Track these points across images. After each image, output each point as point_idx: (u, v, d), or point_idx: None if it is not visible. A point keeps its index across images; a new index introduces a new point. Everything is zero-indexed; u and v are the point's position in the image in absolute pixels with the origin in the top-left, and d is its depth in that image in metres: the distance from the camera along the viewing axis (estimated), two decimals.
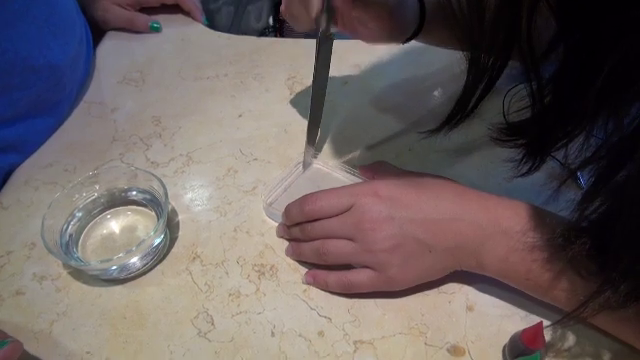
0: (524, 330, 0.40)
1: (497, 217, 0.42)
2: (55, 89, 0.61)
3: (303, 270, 0.49)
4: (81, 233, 0.51)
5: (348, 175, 0.56)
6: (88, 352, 0.44)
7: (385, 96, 0.67)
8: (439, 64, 0.71)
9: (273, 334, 0.44)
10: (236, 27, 0.99)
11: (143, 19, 0.76)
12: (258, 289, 0.47)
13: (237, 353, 0.43)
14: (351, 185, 0.47)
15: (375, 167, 0.53)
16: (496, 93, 0.64)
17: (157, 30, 0.76)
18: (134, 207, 0.53)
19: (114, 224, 0.52)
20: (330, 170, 0.57)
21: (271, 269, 0.49)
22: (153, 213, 0.52)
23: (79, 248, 0.50)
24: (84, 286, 0.48)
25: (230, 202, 0.55)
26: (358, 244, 0.44)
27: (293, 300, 0.47)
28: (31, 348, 0.44)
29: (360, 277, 0.45)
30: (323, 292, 0.47)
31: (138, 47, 0.75)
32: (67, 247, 0.49)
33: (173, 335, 0.44)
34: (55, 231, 0.49)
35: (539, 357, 0.39)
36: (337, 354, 0.43)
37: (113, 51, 0.75)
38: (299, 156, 0.58)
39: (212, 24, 0.82)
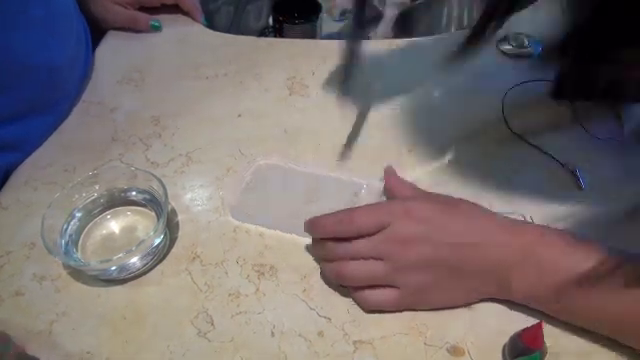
0: (524, 330, 0.40)
1: (525, 242, 0.42)
2: (53, 88, 0.61)
3: (303, 270, 0.49)
4: (81, 233, 0.51)
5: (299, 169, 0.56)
6: (88, 352, 0.44)
7: (384, 96, 0.66)
8: (439, 65, 0.71)
9: (273, 334, 0.44)
10: (235, 27, 0.99)
11: (144, 18, 0.76)
12: (258, 289, 0.47)
13: (237, 353, 0.43)
14: (383, 204, 0.46)
15: (398, 181, 0.52)
16: (495, 93, 0.64)
17: (157, 29, 0.75)
18: (134, 207, 0.53)
19: (114, 224, 0.52)
20: (296, 166, 0.57)
21: (271, 269, 0.49)
22: (153, 213, 0.52)
23: (79, 248, 0.50)
24: (84, 286, 0.48)
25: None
26: (388, 263, 0.43)
27: (293, 300, 0.47)
28: (31, 348, 0.44)
29: (385, 296, 0.44)
30: (323, 292, 0.47)
31: (137, 47, 0.75)
32: (67, 247, 0.49)
33: (173, 335, 0.44)
34: (55, 231, 0.48)
35: (539, 357, 0.39)
36: (337, 354, 0.43)
37: (112, 51, 0.75)
38: (297, 156, 0.58)
39: (211, 24, 0.82)
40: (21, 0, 0.54)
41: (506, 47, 0.71)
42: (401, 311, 0.45)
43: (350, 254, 0.44)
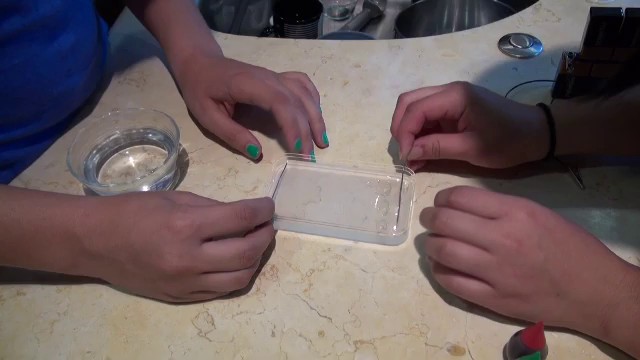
0: (525, 330, 0.40)
1: (637, 282, 0.40)
2: (67, 110, 0.62)
3: (303, 270, 0.49)
4: (101, 166, 0.57)
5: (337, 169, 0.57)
6: (89, 352, 0.44)
7: (385, 96, 0.67)
8: (439, 63, 0.71)
9: (273, 334, 0.44)
10: (237, 27, 0.99)
11: (243, 139, 0.58)
12: (258, 289, 0.47)
13: (237, 353, 0.43)
14: (503, 195, 0.44)
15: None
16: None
17: (254, 155, 0.58)
18: (150, 146, 0.59)
19: (131, 160, 0.58)
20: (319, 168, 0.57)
21: (271, 269, 0.49)
22: (167, 152, 0.58)
23: (99, 178, 0.57)
24: (85, 286, 0.48)
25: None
26: (493, 257, 0.41)
27: (293, 300, 0.47)
28: (32, 348, 0.44)
29: (477, 289, 0.42)
30: (324, 292, 0.47)
31: (139, 47, 0.75)
32: (87, 176, 0.55)
33: (174, 335, 0.44)
34: (79, 162, 0.54)
35: (540, 357, 0.39)
36: (337, 354, 0.43)
37: (114, 51, 0.75)
38: (298, 156, 0.58)
39: (212, 24, 0.82)
40: (50, 30, 0.54)
41: (507, 47, 0.72)
42: (401, 311, 0.45)
43: (459, 232, 0.42)
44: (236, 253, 0.44)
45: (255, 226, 0.46)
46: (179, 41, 0.63)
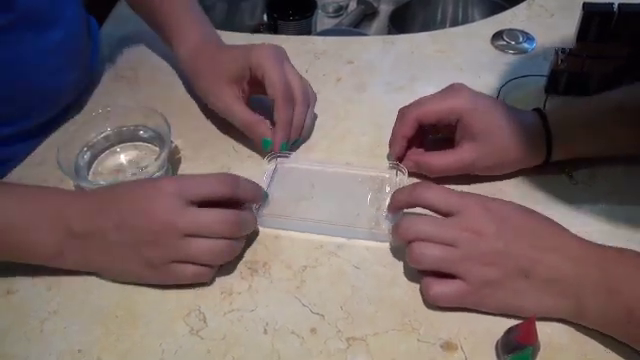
0: (517, 325, 0.40)
1: (601, 259, 0.41)
2: (56, 108, 0.61)
3: (296, 267, 0.49)
4: (92, 164, 0.57)
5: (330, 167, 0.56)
6: (80, 350, 0.43)
7: (378, 93, 0.66)
8: (432, 59, 0.71)
9: (266, 331, 0.44)
10: (230, 24, 0.98)
11: (261, 131, 0.56)
12: (251, 286, 0.47)
13: (229, 351, 0.43)
14: (457, 192, 0.46)
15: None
16: (489, 89, 0.64)
17: (266, 149, 0.56)
18: (141, 143, 0.59)
19: (122, 157, 0.58)
20: (309, 166, 0.57)
21: (264, 266, 0.49)
22: (158, 149, 0.57)
23: (89, 176, 0.56)
24: (75, 285, 0.48)
25: None
26: (458, 250, 0.43)
27: (286, 297, 0.46)
28: (22, 347, 0.44)
29: (449, 289, 0.43)
30: (316, 289, 0.47)
31: (130, 44, 0.75)
32: (79, 174, 0.54)
33: (165, 333, 0.44)
34: (70, 160, 0.54)
35: (531, 352, 0.39)
36: (330, 351, 0.43)
37: (105, 49, 0.74)
38: (291, 153, 0.58)
39: None
40: (39, 27, 0.54)
41: (501, 43, 0.71)
42: (394, 307, 0.45)
43: (423, 233, 0.44)
44: (221, 217, 0.45)
45: (240, 203, 0.48)
46: (185, 30, 0.62)
